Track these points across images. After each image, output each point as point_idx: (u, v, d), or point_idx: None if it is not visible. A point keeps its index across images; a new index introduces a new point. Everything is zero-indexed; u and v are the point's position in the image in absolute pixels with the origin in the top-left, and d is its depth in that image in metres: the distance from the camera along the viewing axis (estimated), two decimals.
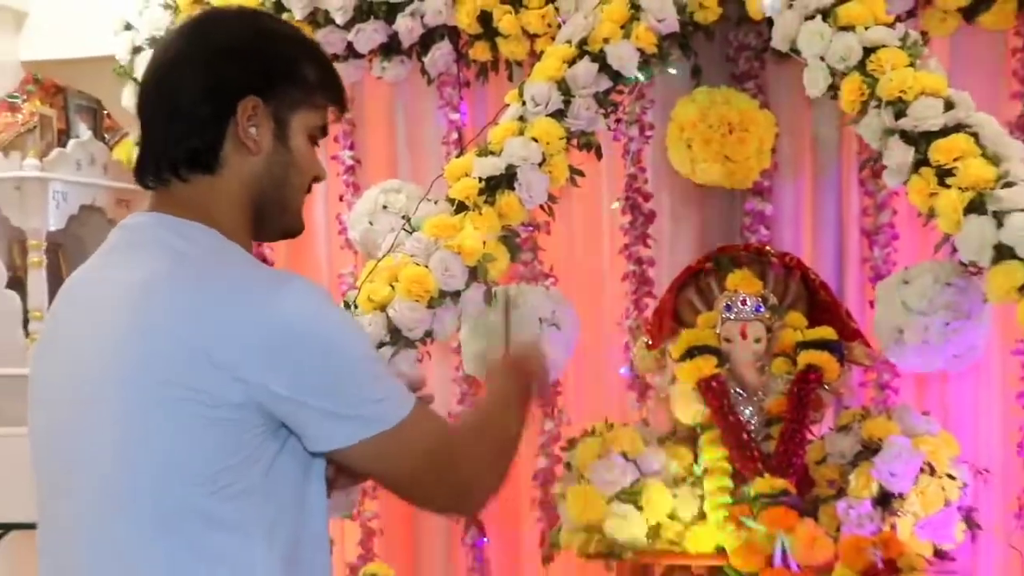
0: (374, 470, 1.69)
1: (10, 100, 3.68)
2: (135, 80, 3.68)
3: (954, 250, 2.88)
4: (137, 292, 1.60)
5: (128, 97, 3.71)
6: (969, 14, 3.25)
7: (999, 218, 2.76)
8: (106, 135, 3.92)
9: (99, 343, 1.61)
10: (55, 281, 3.63)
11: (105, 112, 3.94)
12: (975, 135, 2.87)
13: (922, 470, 3.02)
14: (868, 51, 2.96)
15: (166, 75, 1.70)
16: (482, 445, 1.78)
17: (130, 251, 1.69)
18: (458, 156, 3.31)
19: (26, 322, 3.58)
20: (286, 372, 1.54)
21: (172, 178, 1.68)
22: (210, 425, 1.54)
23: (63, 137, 3.75)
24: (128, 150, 3.77)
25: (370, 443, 1.60)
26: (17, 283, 3.63)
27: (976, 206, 2.79)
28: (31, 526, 1.74)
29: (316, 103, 1.74)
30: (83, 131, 3.84)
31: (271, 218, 1.74)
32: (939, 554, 3.01)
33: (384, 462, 1.64)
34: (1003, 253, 2.75)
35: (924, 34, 3.20)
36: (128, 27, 3.70)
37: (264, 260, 3.47)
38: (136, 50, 3.68)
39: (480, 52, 3.56)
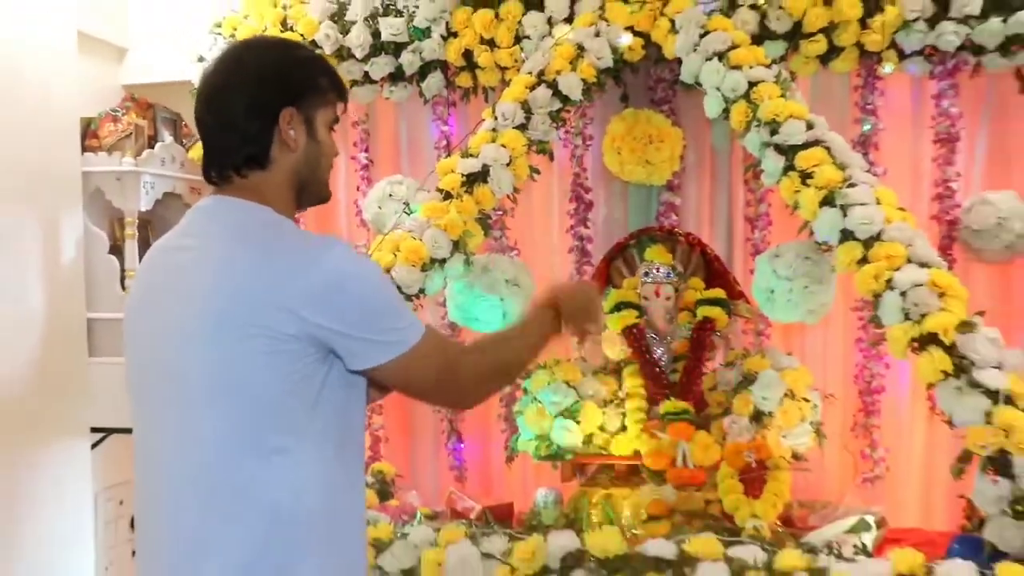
0: (399, 381, 1.71)
1: (113, 113, 3.67)
2: None
3: (812, 233, 2.90)
4: (213, 256, 1.62)
5: None
6: (824, 60, 3.25)
7: (845, 210, 2.79)
8: (184, 140, 3.91)
9: (184, 296, 1.62)
10: (145, 249, 3.60)
11: (183, 123, 3.94)
12: (828, 148, 2.90)
13: (785, 395, 3.04)
14: (751, 85, 2.99)
15: (217, 97, 1.72)
16: (482, 364, 1.79)
17: (202, 225, 1.71)
18: (446, 157, 3.32)
19: (122, 279, 3.58)
20: (334, 310, 1.57)
21: (233, 175, 1.71)
22: (275, 353, 1.56)
23: (152, 141, 3.73)
24: (199, 151, 3.77)
25: (398, 360, 1.64)
26: (116, 250, 3.63)
27: (828, 201, 2.82)
28: (126, 430, 1.77)
29: (330, 100, 1.76)
30: (167, 137, 3.82)
31: (308, 192, 1.76)
32: (796, 456, 3.04)
33: (407, 373, 1.67)
34: (847, 235, 2.79)
35: (792, 74, 3.21)
36: (201, 59, 3.69)
37: None
38: None
39: (464, 80, 3.56)
